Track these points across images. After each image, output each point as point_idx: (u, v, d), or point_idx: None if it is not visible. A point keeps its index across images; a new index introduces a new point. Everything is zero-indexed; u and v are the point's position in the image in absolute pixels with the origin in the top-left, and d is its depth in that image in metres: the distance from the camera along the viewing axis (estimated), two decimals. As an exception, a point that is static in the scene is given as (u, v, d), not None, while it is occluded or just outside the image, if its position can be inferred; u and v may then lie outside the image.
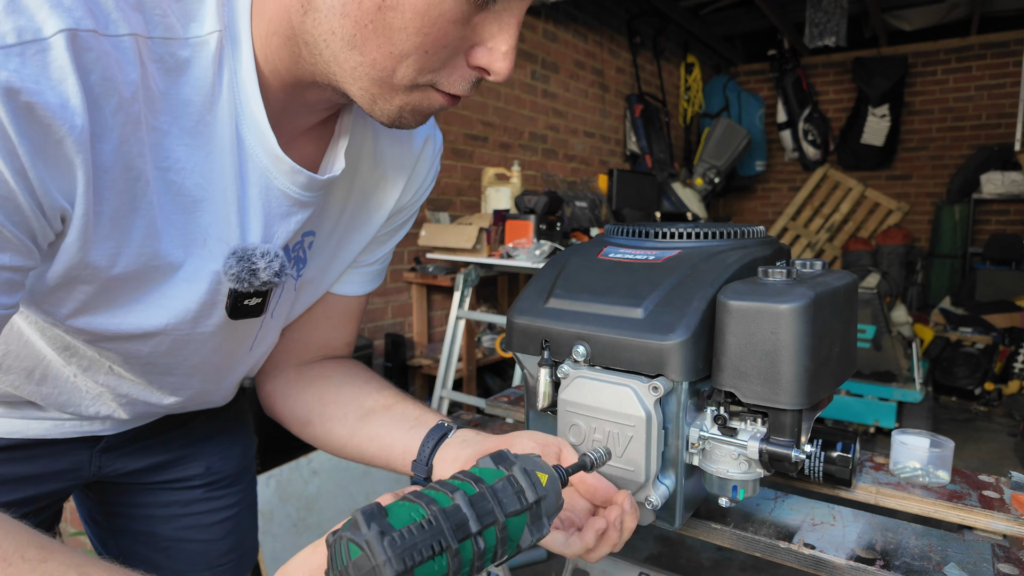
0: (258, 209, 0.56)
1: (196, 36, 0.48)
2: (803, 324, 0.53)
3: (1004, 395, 3.70)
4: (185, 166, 0.50)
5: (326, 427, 0.71)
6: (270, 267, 0.57)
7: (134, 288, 0.53)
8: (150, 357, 0.59)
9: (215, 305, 0.57)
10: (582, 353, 0.61)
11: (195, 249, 0.53)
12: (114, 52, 0.42)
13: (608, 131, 4.49)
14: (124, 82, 0.43)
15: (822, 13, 4.08)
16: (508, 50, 0.49)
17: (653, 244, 0.69)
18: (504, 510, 0.39)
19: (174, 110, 0.48)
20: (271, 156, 0.54)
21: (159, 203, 0.49)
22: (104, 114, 0.43)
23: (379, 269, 0.79)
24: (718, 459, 0.60)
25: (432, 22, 0.46)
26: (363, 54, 0.47)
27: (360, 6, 0.45)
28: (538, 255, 2.31)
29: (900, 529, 0.67)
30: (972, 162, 5.03)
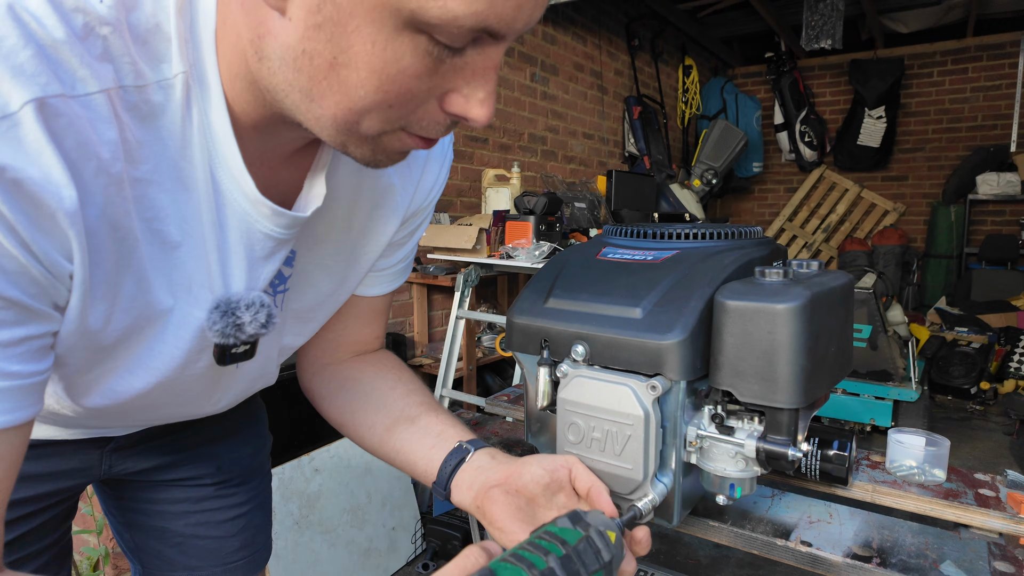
0: (240, 254, 0.53)
1: (165, 78, 0.45)
2: (800, 324, 0.54)
3: (1000, 394, 3.71)
4: (169, 212, 0.48)
5: (358, 433, 0.73)
6: (256, 319, 0.55)
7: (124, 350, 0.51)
8: (139, 405, 0.59)
9: (202, 351, 0.56)
10: (581, 352, 0.62)
11: (181, 294, 0.51)
12: (85, 113, 0.40)
13: (607, 133, 4.50)
14: (101, 143, 0.41)
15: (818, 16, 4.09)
16: (485, 96, 0.45)
17: (651, 244, 0.70)
18: (588, 569, 0.44)
19: (155, 157, 0.46)
20: (250, 200, 0.51)
21: (148, 255, 0.48)
22: (84, 179, 0.41)
23: (403, 268, 0.78)
24: (716, 457, 0.60)
25: (391, 79, 0.42)
26: (322, 108, 0.44)
27: (312, 62, 0.42)
28: (537, 255, 2.32)
29: (896, 527, 0.68)
30: (968, 163, 5.04)
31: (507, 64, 3.52)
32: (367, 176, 0.64)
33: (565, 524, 0.47)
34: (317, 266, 0.65)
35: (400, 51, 0.40)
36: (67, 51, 0.39)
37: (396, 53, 0.40)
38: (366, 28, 0.39)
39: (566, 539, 0.45)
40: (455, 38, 0.40)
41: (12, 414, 0.41)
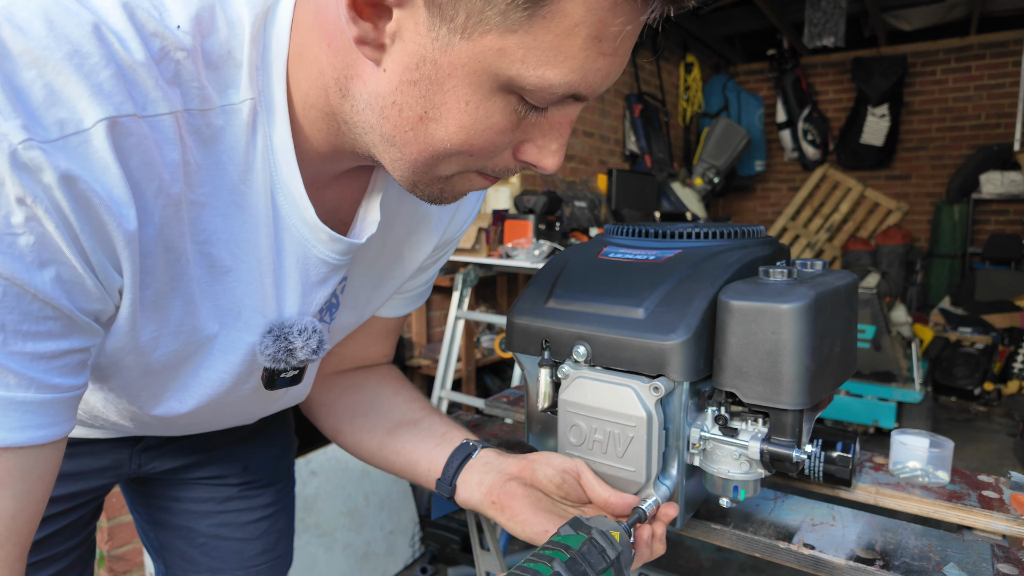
0: (295, 279, 0.54)
1: (231, 103, 0.46)
2: (804, 324, 0.53)
3: (1003, 395, 3.70)
4: (221, 237, 0.48)
5: (356, 437, 0.73)
6: (307, 345, 0.55)
7: (172, 375, 0.52)
8: (186, 422, 0.60)
9: (251, 374, 0.56)
10: (582, 353, 0.61)
11: (229, 320, 0.52)
12: (153, 134, 0.41)
13: (607, 131, 4.49)
14: (164, 164, 0.42)
15: (821, 13, 4.08)
16: (558, 148, 0.47)
17: (653, 244, 0.69)
18: (595, 569, 0.45)
19: (212, 181, 0.46)
20: (309, 226, 0.52)
21: (196, 277, 0.48)
22: (146, 199, 0.42)
23: (423, 291, 0.78)
24: (719, 459, 0.60)
25: (479, 135, 0.44)
26: (403, 152, 0.46)
27: (400, 114, 0.43)
28: (537, 255, 2.31)
29: (900, 529, 0.67)
30: (971, 162, 5.03)
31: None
32: (406, 203, 0.65)
33: (567, 531, 0.48)
34: (354, 288, 0.65)
35: (491, 110, 0.43)
36: (144, 73, 0.40)
37: (487, 112, 0.43)
38: (462, 89, 0.41)
39: (569, 544, 0.46)
40: (544, 101, 0.43)
41: (52, 428, 0.41)
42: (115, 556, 1.64)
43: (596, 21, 0.38)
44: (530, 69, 0.40)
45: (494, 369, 3.14)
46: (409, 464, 0.69)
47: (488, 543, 0.89)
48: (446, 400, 2.49)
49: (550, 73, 0.40)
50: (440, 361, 2.50)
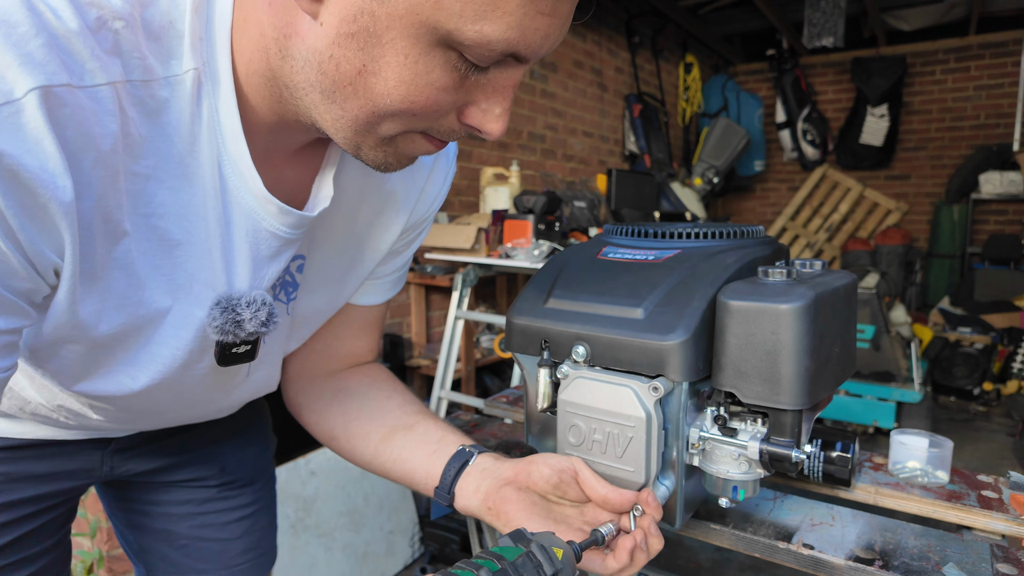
0: (245, 252, 0.53)
1: (174, 75, 0.45)
2: (804, 324, 0.53)
3: (1003, 395, 3.70)
4: (169, 210, 0.48)
5: (351, 444, 0.72)
6: (256, 317, 0.54)
7: (121, 349, 0.51)
8: (143, 405, 0.59)
9: (204, 352, 0.56)
10: (582, 353, 0.61)
11: (181, 295, 0.51)
12: (90, 104, 0.40)
13: (607, 131, 4.49)
14: (102, 135, 0.41)
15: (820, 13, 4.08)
16: (502, 112, 0.47)
17: (652, 244, 0.69)
18: None
19: (158, 153, 0.46)
20: (257, 198, 0.51)
21: (141, 250, 0.47)
22: (83, 170, 0.41)
23: (398, 277, 0.77)
24: (718, 459, 0.60)
25: (419, 90, 0.43)
26: (344, 109, 0.45)
27: (338, 68, 0.43)
28: (537, 255, 2.31)
29: (899, 529, 0.67)
30: (971, 162, 5.03)
31: (508, 63, 3.51)
32: (372, 182, 0.64)
33: (506, 543, 0.47)
34: (318, 271, 0.65)
35: (431, 65, 0.42)
36: (78, 42, 0.39)
37: (427, 67, 0.42)
38: (400, 42, 0.41)
39: (504, 555, 0.45)
40: (484, 59, 0.42)
41: None
42: (114, 556, 1.63)
43: None
44: (467, 23, 0.39)
45: (493, 369, 3.14)
46: (406, 472, 0.69)
47: (487, 544, 0.89)
48: (446, 400, 2.49)
49: (488, 28, 0.40)
50: (440, 361, 2.50)
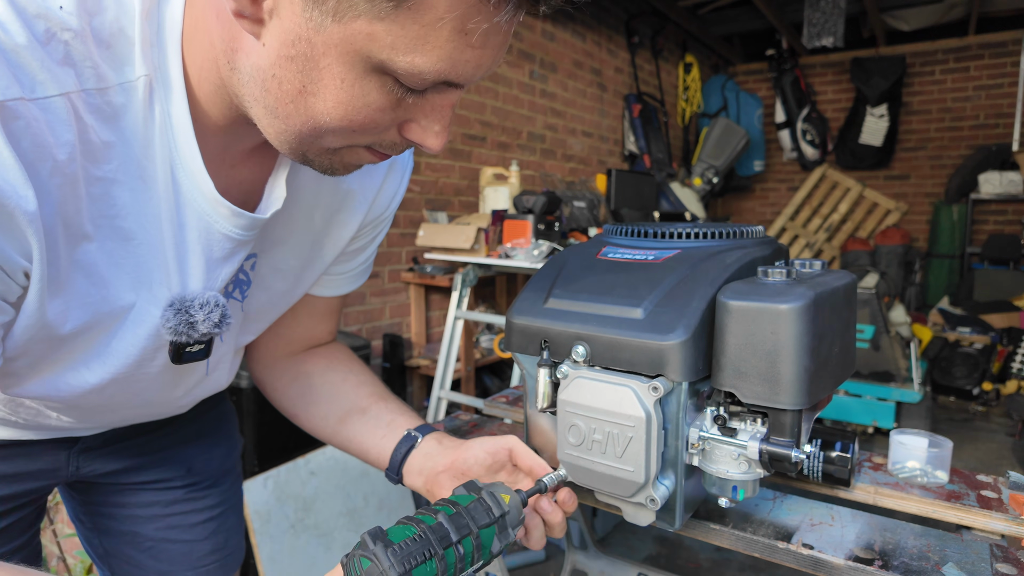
0: (198, 254, 0.54)
1: (128, 80, 0.46)
2: (803, 324, 0.53)
3: (1002, 395, 3.70)
4: (131, 210, 0.49)
5: (311, 424, 0.77)
6: (209, 318, 0.56)
7: (82, 343, 0.52)
8: (97, 401, 0.59)
9: (158, 350, 0.56)
10: (581, 353, 0.61)
11: (143, 291, 0.53)
12: (43, 116, 0.41)
13: (606, 131, 4.49)
14: (57, 144, 0.42)
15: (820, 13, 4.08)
16: (441, 129, 0.48)
17: (652, 244, 0.69)
18: (477, 524, 0.50)
19: (120, 156, 0.47)
20: (209, 200, 0.53)
21: (106, 250, 0.49)
22: (41, 179, 0.42)
23: (362, 270, 0.79)
24: (718, 459, 0.60)
25: (356, 111, 0.44)
26: (286, 124, 0.46)
27: (280, 87, 0.44)
28: (536, 255, 2.31)
29: (898, 529, 0.67)
30: (970, 162, 5.03)
31: (506, 61, 3.51)
32: (327, 181, 0.66)
33: (461, 491, 0.52)
34: (273, 268, 0.66)
35: (367, 89, 0.44)
36: (28, 56, 0.40)
37: (363, 90, 0.44)
38: (336, 67, 0.42)
39: (458, 502, 0.51)
40: (418, 85, 0.44)
41: None
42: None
43: (460, 16, 0.39)
44: (399, 55, 0.41)
45: (493, 369, 3.14)
46: (361, 452, 0.74)
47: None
48: (445, 400, 2.49)
49: (419, 60, 0.41)
50: (439, 361, 2.50)
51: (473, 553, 0.49)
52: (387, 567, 0.44)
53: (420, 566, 0.45)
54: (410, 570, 0.45)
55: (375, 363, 2.86)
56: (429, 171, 3.07)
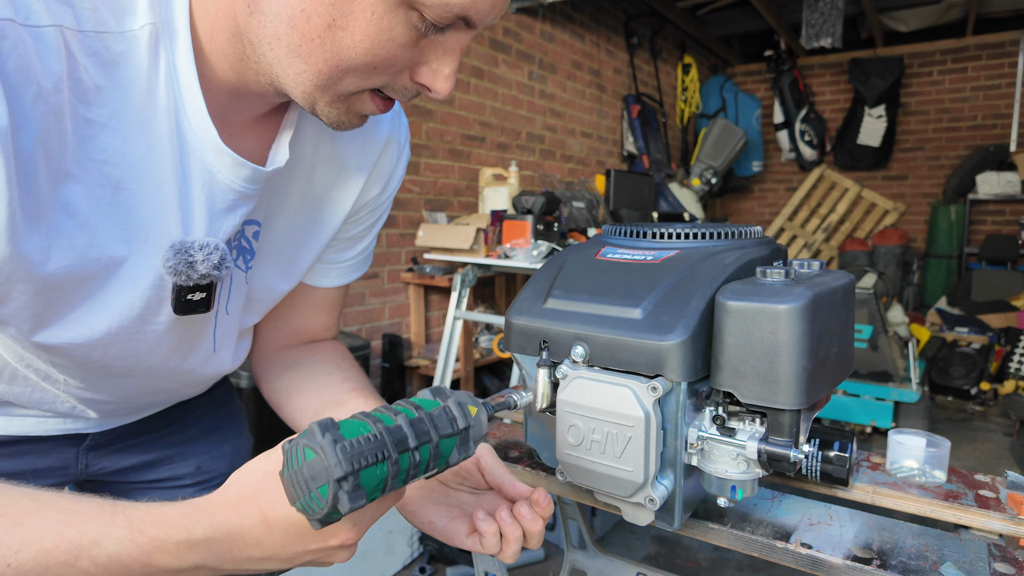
0: (201, 204, 0.55)
1: (130, 30, 0.47)
2: (802, 324, 0.53)
3: (1000, 395, 3.71)
4: (124, 160, 0.49)
5: (291, 416, 0.76)
6: (208, 260, 0.56)
7: (76, 293, 0.52)
8: (103, 362, 0.59)
9: (161, 302, 0.57)
10: (581, 353, 0.61)
11: (137, 244, 0.53)
12: (33, 42, 0.42)
13: (605, 131, 4.49)
14: (44, 72, 0.42)
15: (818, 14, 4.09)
16: (450, 73, 0.51)
17: (651, 244, 0.69)
18: (439, 433, 0.46)
19: (113, 104, 0.48)
20: (213, 150, 0.53)
21: (93, 195, 0.49)
22: (23, 103, 0.42)
23: (361, 260, 0.79)
24: (717, 459, 0.60)
25: (382, 45, 0.47)
26: (308, 63, 0.48)
27: (308, 21, 0.45)
28: (535, 255, 2.31)
29: (897, 529, 0.68)
30: (968, 163, 5.04)
31: (505, 62, 3.51)
32: (322, 154, 0.67)
33: (426, 395, 0.48)
34: (273, 241, 0.67)
35: (393, 22, 0.46)
36: None
37: (390, 24, 0.46)
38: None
39: (422, 406, 0.47)
40: (441, 19, 0.47)
41: None
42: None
43: None
44: None
45: (492, 369, 3.14)
46: None
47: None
48: (444, 400, 2.49)
49: None
50: (438, 361, 2.50)
51: (429, 461, 0.46)
52: (333, 463, 0.39)
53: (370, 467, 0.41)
54: (358, 470, 0.40)
55: (375, 363, 2.86)
56: (428, 171, 3.07)
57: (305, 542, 0.47)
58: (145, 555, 0.44)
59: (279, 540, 0.46)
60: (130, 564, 0.43)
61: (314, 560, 0.49)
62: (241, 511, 0.46)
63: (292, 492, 0.42)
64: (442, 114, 3.11)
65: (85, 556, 0.42)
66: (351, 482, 0.40)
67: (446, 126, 3.14)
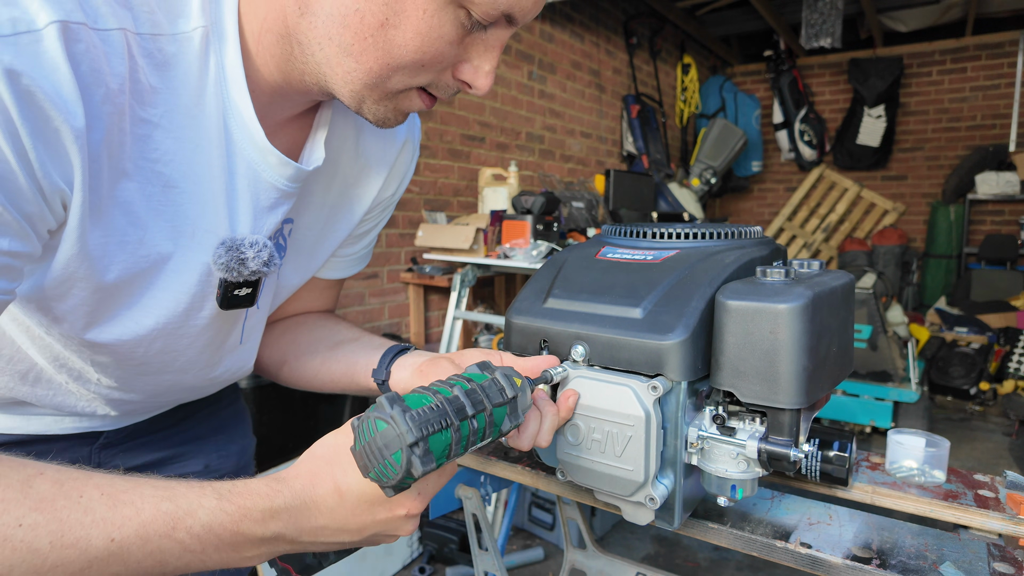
0: (247, 201, 0.57)
1: (182, 32, 0.49)
2: (801, 324, 0.53)
3: (999, 395, 3.71)
4: (174, 158, 0.51)
5: (300, 361, 0.76)
6: (259, 256, 0.58)
7: (126, 293, 0.53)
8: (144, 358, 0.60)
9: (206, 297, 0.58)
10: (581, 353, 0.61)
11: (183, 241, 0.54)
12: (102, 45, 0.44)
13: (605, 132, 4.50)
14: (111, 74, 0.44)
15: (818, 14, 4.09)
16: (491, 69, 0.54)
17: (651, 244, 0.70)
18: (491, 401, 0.49)
19: (166, 103, 0.49)
20: (259, 149, 0.55)
21: (145, 193, 0.50)
22: (94, 103, 0.44)
23: (365, 254, 0.82)
24: (717, 458, 0.60)
25: (431, 43, 0.49)
26: (359, 62, 0.50)
27: (362, 21, 0.47)
28: (535, 255, 2.31)
29: (896, 528, 0.68)
30: (967, 162, 5.05)
31: (504, 62, 3.51)
32: (346, 154, 0.69)
33: (474, 370, 0.52)
34: (298, 240, 0.69)
35: (443, 20, 0.49)
36: None
37: (440, 22, 0.49)
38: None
39: (472, 378, 0.50)
40: (487, 16, 0.49)
41: None
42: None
43: None
44: None
45: (492, 369, 3.13)
46: (349, 367, 0.72)
47: (486, 543, 0.89)
48: (444, 400, 2.49)
49: None
50: (438, 361, 2.50)
51: (485, 429, 0.48)
52: (404, 431, 0.42)
53: (436, 434, 0.44)
54: (427, 436, 0.43)
55: (374, 363, 2.85)
56: (428, 171, 3.08)
57: (374, 512, 0.49)
58: (234, 523, 0.46)
59: (350, 509, 0.48)
60: (221, 533, 0.45)
61: (381, 532, 0.51)
62: (316, 481, 0.49)
63: (366, 463, 0.44)
64: (442, 114, 3.11)
65: (181, 527, 0.44)
66: (422, 447, 0.43)
67: (446, 126, 3.14)
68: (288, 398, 1.92)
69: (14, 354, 0.58)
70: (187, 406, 0.81)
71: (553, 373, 0.60)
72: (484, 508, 0.85)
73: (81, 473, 0.45)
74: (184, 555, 0.45)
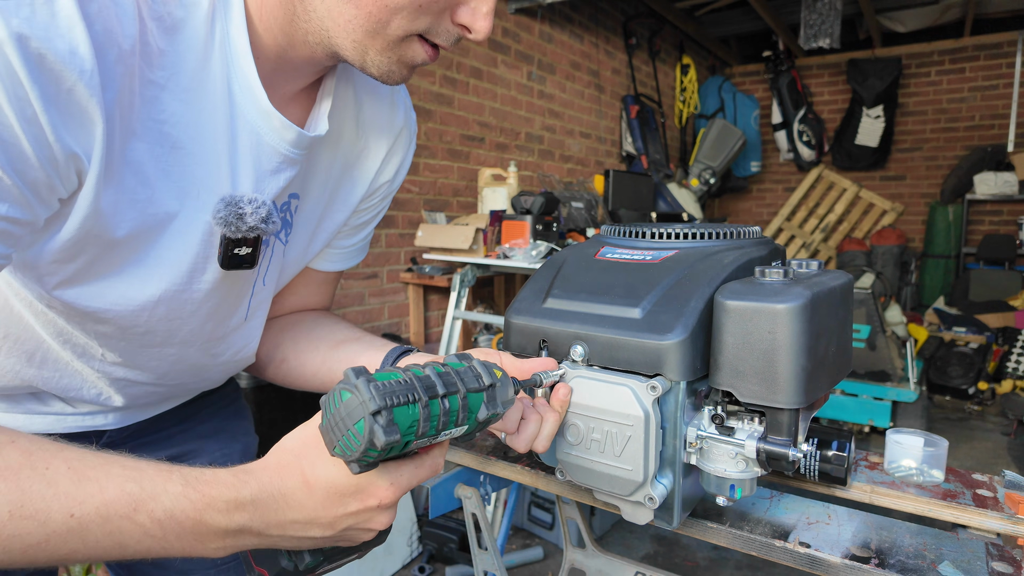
0: (248, 163, 0.58)
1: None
2: (800, 324, 0.54)
3: (997, 394, 3.72)
4: (180, 120, 0.52)
5: (300, 359, 0.76)
6: (257, 212, 0.58)
7: (135, 247, 0.54)
8: (148, 325, 0.60)
9: (208, 259, 0.59)
10: (580, 353, 0.61)
11: (188, 201, 0.55)
12: (114, 7, 0.44)
13: (604, 132, 4.50)
14: (124, 35, 0.45)
15: (816, 15, 4.09)
16: (488, 11, 0.54)
17: (650, 244, 0.70)
18: (466, 386, 0.47)
19: (173, 66, 0.50)
20: (261, 112, 0.57)
21: (153, 154, 0.51)
22: (107, 64, 0.44)
23: (361, 247, 0.82)
24: (716, 458, 0.60)
25: None
26: (358, 7, 0.51)
27: None
28: (534, 255, 2.31)
29: (895, 528, 0.68)
30: (965, 163, 5.05)
31: (504, 62, 3.52)
32: (348, 132, 0.70)
33: (452, 359, 0.50)
34: (302, 218, 0.70)
35: None
36: None
37: None
38: None
39: (449, 364, 0.49)
40: None
41: None
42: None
43: None
44: None
45: (491, 369, 3.13)
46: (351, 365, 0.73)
47: (486, 542, 0.89)
48: (443, 400, 2.49)
49: None
50: (437, 361, 2.50)
51: (459, 412, 0.46)
52: (367, 398, 0.41)
53: (402, 406, 0.42)
54: (391, 406, 0.42)
55: (373, 363, 2.85)
56: (428, 172, 3.08)
57: (345, 503, 0.48)
58: (197, 511, 0.45)
59: (320, 501, 0.47)
60: (183, 520, 0.45)
61: (354, 525, 0.50)
62: (283, 474, 0.48)
63: (331, 436, 0.43)
64: (441, 114, 3.11)
65: (143, 510, 0.44)
66: (385, 417, 0.41)
67: (445, 126, 3.14)
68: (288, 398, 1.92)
69: (21, 332, 0.58)
70: (189, 405, 0.81)
71: (543, 376, 0.58)
72: (483, 508, 0.85)
73: (53, 445, 0.44)
74: (144, 539, 0.44)
